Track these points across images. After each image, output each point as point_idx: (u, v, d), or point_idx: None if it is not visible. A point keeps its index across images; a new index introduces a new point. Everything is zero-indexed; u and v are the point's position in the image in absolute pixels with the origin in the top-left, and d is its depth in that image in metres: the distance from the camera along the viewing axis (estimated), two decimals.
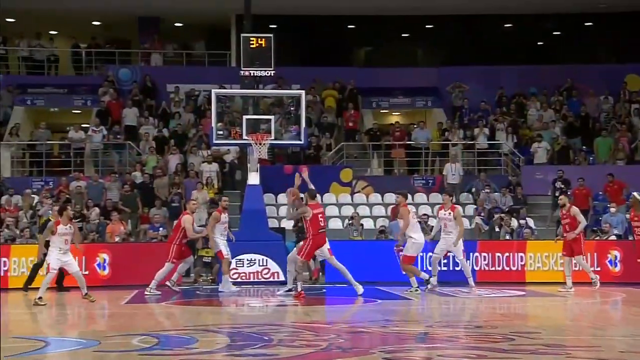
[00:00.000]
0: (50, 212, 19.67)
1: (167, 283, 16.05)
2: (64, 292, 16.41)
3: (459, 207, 16.75)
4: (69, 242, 14.28)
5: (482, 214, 21.59)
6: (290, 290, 15.14)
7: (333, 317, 12.97)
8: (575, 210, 16.29)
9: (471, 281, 16.44)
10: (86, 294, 14.33)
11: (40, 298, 13.87)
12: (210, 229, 16.36)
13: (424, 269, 17.17)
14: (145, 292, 15.65)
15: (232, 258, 16.84)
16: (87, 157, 24.64)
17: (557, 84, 27.39)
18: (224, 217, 16.55)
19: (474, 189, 23.22)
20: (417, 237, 15.67)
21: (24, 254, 17.22)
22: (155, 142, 24.31)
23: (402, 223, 15.74)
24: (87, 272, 17.62)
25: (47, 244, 14.34)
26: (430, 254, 17.26)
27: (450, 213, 16.36)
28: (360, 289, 15.00)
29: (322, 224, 14.97)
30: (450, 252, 16.58)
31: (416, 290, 15.68)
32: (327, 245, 15.10)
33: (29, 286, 16.30)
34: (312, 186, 15.40)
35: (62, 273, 15.75)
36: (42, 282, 14.31)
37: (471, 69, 27.98)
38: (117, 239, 19.21)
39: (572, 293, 15.62)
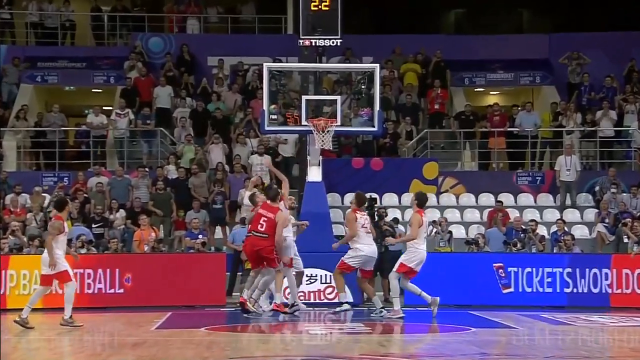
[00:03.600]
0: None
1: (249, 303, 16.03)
2: None
3: (418, 215, 15.63)
4: None
5: (607, 220, 21.30)
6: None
7: (414, 348, 12.96)
8: None
9: (396, 303, 15.76)
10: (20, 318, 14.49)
11: (71, 317, 14.28)
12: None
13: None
14: (262, 308, 15.87)
15: None
16: (109, 148, 25.05)
17: None
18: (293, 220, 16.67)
19: (596, 188, 22.92)
20: (361, 247, 15.69)
21: (33, 266, 17.56)
22: (193, 129, 24.60)
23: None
24: (111, 290, 17.96)
25: None
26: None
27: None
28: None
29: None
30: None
31: (380, 311, 15.83)
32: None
33: None
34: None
35: None
36: (66, 297, 14.49)
37: (592, 36, 27.58)
38: (146, 249, 19.50)
39: None
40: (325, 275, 17.88)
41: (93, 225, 20.74)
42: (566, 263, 18.22)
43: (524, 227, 20.23)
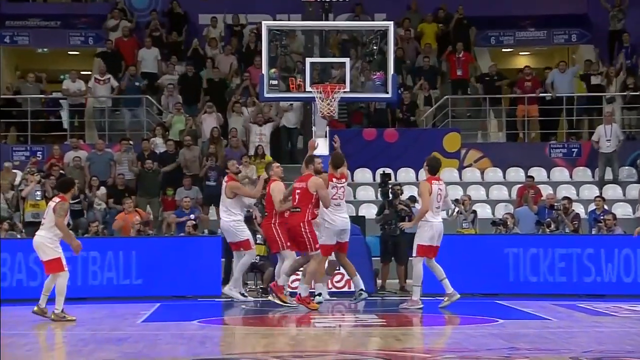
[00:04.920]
0: (38, 193, 20.11)
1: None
2: None
3: (427, 183, 15.50)
4: None
5: None
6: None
7: (434, 342, 13.00)
8: None
9: (416, 292, 15.78)
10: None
11: (62, 310, 14.41)
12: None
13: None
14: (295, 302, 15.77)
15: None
16: (88, 118, 25.07)
17: None
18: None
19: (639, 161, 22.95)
20: (332, 218, 15.71)
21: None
22: (182, 97, 24.59)
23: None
24: (94, 280, 18.00)
25: None
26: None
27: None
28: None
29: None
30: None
31: (359, 294, 16.04)
32: None
33: None
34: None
35: None
36: (57, 289, 14.56)
37: None
38: (130, 231, 19.54)
39: None
40: (332, 261, 17.82)
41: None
42: None
43: (556, 205, 20.09)
